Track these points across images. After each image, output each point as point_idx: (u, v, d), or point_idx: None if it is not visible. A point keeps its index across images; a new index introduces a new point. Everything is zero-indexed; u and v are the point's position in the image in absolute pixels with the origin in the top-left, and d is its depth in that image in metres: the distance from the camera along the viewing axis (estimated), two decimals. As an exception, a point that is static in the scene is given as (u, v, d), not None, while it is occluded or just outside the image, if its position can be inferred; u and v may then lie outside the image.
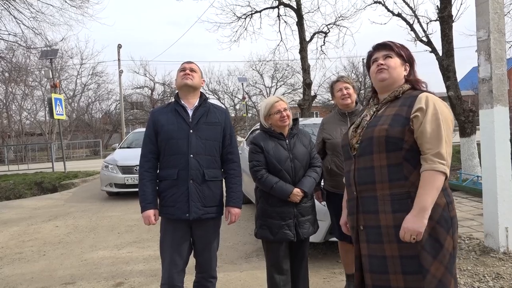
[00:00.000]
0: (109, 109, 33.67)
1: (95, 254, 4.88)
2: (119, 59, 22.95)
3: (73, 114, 29.89)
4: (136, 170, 8.42)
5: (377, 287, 1.71)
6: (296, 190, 2.76)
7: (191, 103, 2.67)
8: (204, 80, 2.80)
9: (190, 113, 2.64)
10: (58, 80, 19.43)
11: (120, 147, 10.40)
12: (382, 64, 1.84)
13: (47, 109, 18.82)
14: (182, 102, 2.66)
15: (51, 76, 13.64)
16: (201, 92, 2.75)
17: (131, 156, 8.97)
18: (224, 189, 2.75)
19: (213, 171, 2.64)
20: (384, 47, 1.90)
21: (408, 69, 1.88)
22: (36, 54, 14.87)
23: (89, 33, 58.03)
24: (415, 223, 1.58)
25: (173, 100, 2.75)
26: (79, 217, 7.11)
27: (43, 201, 9.32)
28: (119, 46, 22.88)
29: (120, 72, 23.02)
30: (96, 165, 14.59)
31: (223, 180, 2.78)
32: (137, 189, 9.10)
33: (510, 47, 12.51)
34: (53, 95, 12.48)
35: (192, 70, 2.67)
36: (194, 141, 2.57)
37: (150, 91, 32.88)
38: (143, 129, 13.88)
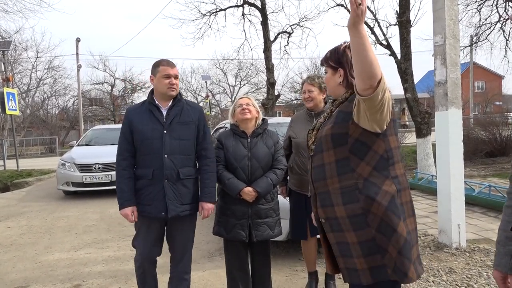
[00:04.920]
0: (66, 105, 32.47)
1: (50, 256, 4.68)
2: (77, 53, 22.16)
3: (27, 110, 28.55)
4: (95, 168, 8.27)
5: (349, 269, 1.81)
6: (248, 189, 2.78)
7: (165, 104, 2.69)
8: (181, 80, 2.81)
9: (164, 112, 2.66)
10: (11, 74, 18.50)
11: (78, 145, 10.03)
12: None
13: (-2, 104, 17.85)
14: (156, 102, 2.68)
15: (3, 69, 12.99)
16: None
17: (90, 154, 8.72)
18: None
19: (187, 169, 2.68)
20: (321, 63, 2.01)
21: (342, 73, 1.89)
22: (-13, 45, 14.06)
23: (45, 25, 55.64)
24: None
25: (147, 98, 2.77)
26: (33, 218, 6.79)
27: (-7, 200, 8.84)
28: (78, 40, 22.07)
29: (79, 67, 22.20)
30: (52, 163, 13.99)
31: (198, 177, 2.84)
32: (95, 188, 8.83)
33: (461, 51, 13.16)
34: (6, 89, 11.93)
35: (176, 77, 2.69)
36: (168, 141, 2.61)
37: (110, 87, 31.97)
38: (103, 126, 13.39)
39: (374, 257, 1.72)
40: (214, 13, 13.15)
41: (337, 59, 1.91)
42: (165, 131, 2.61)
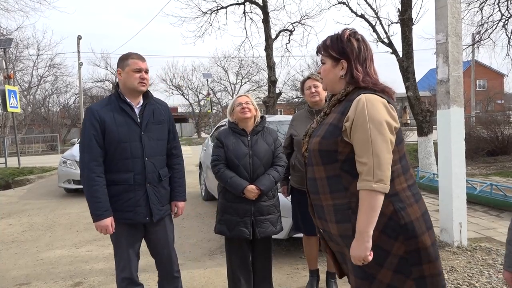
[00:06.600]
0: (67, 103, 32.51)
1: (52, 253, 4.68)
2: (78, 51, 22.13)
3: (28, 107, 28.57)
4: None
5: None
6: (251, 187, 2.77)
7: (136, 101, 2.51)
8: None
9: (137, 111, 2.49)
10: (12, 71, 18.52)
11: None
12: (319, 73, 1.79)
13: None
14: (128, 100, 2.47)
15: (4, 67, 12.99)
16: None
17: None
18: None
19: (165, 170, 2.63)
20: (318, 51, 1.77)
21: (345, 65, 1.67)
22: (-12, 43, 14.06)
23: (47, 23, 55.64)
24: (358, 250, 1.54)
25: (112, 94, 2.53)
26: (34, 215, 6.80)
27: (-5, 198, 8.85)
28: (79, 38, 22.07)
29: (80, 64, 22.21)
30: (53, 161, 14.02)
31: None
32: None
33: (463, 50, 13.13)
34: (7, 87, 11.97)
35: (147, 71, 2.49)
36: (148, 144, 2.48)
37: (111, 85, 31.95)
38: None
39: (362, 282, 1.65)
40: (215, 11, 13.13)
41: (340, 48, 1.67)
42: (142, 133, 2.46)
